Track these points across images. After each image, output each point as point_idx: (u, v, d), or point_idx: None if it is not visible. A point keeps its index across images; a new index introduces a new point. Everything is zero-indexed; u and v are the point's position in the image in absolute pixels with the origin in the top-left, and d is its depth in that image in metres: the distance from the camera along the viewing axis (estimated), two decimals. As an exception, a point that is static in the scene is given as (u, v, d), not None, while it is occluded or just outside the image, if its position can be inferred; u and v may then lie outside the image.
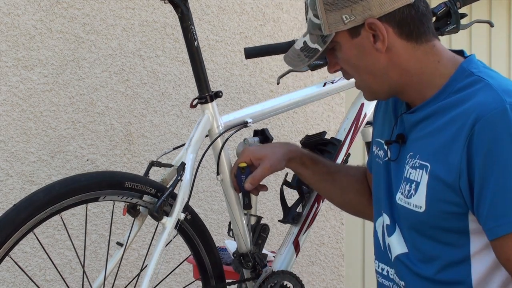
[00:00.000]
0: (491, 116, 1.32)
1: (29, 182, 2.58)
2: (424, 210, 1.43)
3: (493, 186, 1.32)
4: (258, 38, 3.10)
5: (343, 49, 1.49)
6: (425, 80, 1.47)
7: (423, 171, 1.43)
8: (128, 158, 2.78)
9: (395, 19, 1.43)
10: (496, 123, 1.31)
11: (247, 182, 1.83)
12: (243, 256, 2.00)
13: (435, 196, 1.41)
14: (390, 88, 1.51)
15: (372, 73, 1.49)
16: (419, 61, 1.46)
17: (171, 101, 2.88)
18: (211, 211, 3.00)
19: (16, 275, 2.57)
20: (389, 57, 1.46)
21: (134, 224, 1.85)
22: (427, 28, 1.46)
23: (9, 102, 2.55)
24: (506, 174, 1.31)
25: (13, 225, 1.58)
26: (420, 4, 1.44)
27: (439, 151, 1.40)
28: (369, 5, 1.42)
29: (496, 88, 1.36)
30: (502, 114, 1.31)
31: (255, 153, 1.84)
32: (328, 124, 3.29)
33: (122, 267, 2.71)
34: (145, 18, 2.81)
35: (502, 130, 1.31)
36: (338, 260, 3.34)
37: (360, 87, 1.56)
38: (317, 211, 2.11)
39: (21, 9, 2.56)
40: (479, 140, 1.33)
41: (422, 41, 1.45)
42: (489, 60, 4.27)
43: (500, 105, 1.32)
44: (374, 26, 1.43)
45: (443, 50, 1.48)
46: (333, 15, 1.45)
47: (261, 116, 2.08)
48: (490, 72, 1.44)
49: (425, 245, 1.47)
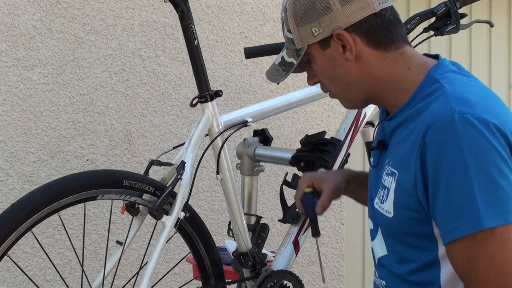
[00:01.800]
0: (439, 125, 1.35)
1: (29, 182, 2.58)
2: (393, 216, 1.47)
3: (443, 193, 1.35)
4: (258, 38, 3.11)
5: (317, 61, 1.54)
6: (397, 87, 1.50)
7: (393, 178, 1.47)
8: (128, 158, 2.79)
9: (361, 28, 1.47)
10: (444, 131, 1.34)
11: (319, 207, 1.81)
12: (243, 255, 2.00)
13: (400, 203, 1.45)
14: (366, 96, 1.54)
15: (346, 83, 1.53)
16: (389, 68, 1.49)
17: (171, 101, 2.88)
18: (211, 211, 3.00)
19: (16, 275, 2.57)
20: (360, 66, 1.49)
21: (133, 223, 1.85)
22: (395, 36, 1.48)
23: (9, 102, 2.55)
24: (453, 181, 1.33)
25: (11, 224, 1.58)
26: (386, 13, 1.48)
27: (403, 160, 1.43)
28: (335, 17, 1.46)
29: (450, 96, 1.38)
30: (449, 123, 1.34)
31: (315, 176, 1.86)
32: (328, 124, 3.29)
33: (122, 267, 2.72)
34: (145, 18, 2.81)
35: (448, 138, 1.33)
36: (338, 260, 3.34)
37: (336, 96, 1.60)
38: (317, 211, 2.10)
39: (21, 9, 2.56)
40: (429, 148, 1.36)
41: (391, 49, 1.48)
42: (489, 60, 4.27)
43: (449, 113, 1.35)
44: (341, 37, 1.47)
45: (413, 56, 1.51)
46: (303, 29, 1.50)
47: (261, 115, 2.08)
48: (453, 77, 1.46)
49: (399, 248, 1.51)
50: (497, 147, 1.32)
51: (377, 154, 1.58)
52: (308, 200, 1.83)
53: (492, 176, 1.31)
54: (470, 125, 1.33)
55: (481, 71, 4.24)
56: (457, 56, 4.12)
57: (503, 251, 1.31)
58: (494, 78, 4.29)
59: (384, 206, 1.50)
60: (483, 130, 1.32)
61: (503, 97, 4.32)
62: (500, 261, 1.31)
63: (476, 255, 1.32)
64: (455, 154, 1.32)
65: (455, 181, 1.32)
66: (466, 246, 1.33)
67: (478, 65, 4.22)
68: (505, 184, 1.32)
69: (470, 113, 1.34)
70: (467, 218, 1.32)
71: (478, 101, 1.37)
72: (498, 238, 1.31)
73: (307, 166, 2.08)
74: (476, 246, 1.32)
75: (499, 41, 4.28)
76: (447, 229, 1.35)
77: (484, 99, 1.40)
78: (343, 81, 1.52)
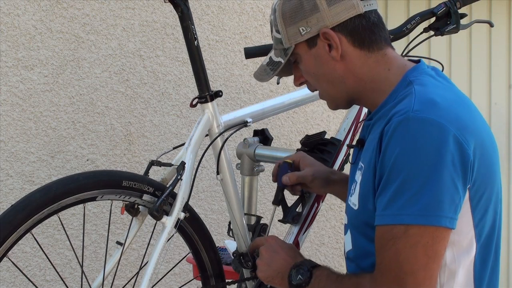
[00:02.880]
0: (395, 122, 1.40)
1: (29, 182, 2.58)
2: (357, 208, 1.53)
3: (383, 183, 1.41)
4: (258, 38, 3.11)
5: (303, 60, 1.60)
6: (376, 88, 1.55)
7: (361, 172, 1.53)
8: (128, 158, 2.79)
9: (347, 28, 1.53)
10: (395, 128, 1.40)
11: (286, 176, 1.91)
12: (243, 255, 2.00)
13: (364, 195, 1.50)
14: (348, 96, 1.60)
15: (331, 82, 1.58)
16: (371, 69, 1.55)
17: (171, 101, 2.88)
18: (211, 211, 3.00)
19: (16, 275, 2.57)
20: (344, 65, 1.55)
21: (133, 224, 1.85)
22: (378, 37, 1.54)
23: (9, 102, 2.55)
24: (392, 174, 1.39)
25: (10, 226, 1.58)
26: (371, 15, 1.54)
27: (369, 155, 1.49)
28: (322, 17, 1.52)
29: (415, 97, 1.43)
30: (403, 121, 1.39)
31: (305, 158, 1.96)
32: (328, 124, 3.29)
33: (122, 267, 2.72)
34: (145, 18, 2.81)
35: (397, 134, 1.39)
36: (338, 260, 3.34)
37: (323, 96, 1.66)
38: (317, 211, 2.11)
39: (21, 9, 2.56)
40: (383, 142, 1.42)
41: (374, 49, 1.54)
42: (489, 60, 4.27)
43: (406, 112, 1.40)
44: (328, 36, 1.53)
45: (394, 58, 1.56)
46: (291, 29, 1.56)
47: (261, 115, 2.08)
48: (425, 79, 1.50)
49: (361, 242, 1.55)
50: (442, 151, 1.35)
51: (356, 152, 1.65)
52: (282, 169, 1.93)
53: (429, 176, 1.35)
54: (421, 125, 1.37)
55: (481, 71, 4.24)
56: (457, 56, 4.12)
57: (409, 252, 1.37)
58: (494, 78, 4.29)
59: (352, 199, 1.57)
60: (433, 132, 1.37)
61: (503, 97, 4.32)
62: (403, 259, 1.37)
63: (387, 245, 1.39)
64: (400, 149, 1.38)
65: (394, 174, 1.38)
66: (382, 234, 1.41)
67: (478, 65, 4.22)
68: (442, 187, 1.35)
69: (426, 114, 1.38)
70: (391, 210, 1.38)
71: (443, 104, 1.41)
72: (408, 238, 1.36)
73: (307, 166, 2.08)
74: (388, 238, 1.39)
75: (499, 41, 4.27)
76: (377, 213, 1.42)
77: (451, 104, 1.43)
78: (327, 80, 1.58)
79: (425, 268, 1.37)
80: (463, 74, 4.16)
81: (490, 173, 1.46)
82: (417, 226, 1.36)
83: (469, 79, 4.20)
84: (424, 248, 1.36)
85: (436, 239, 1.37)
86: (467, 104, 1.50)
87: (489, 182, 1.45)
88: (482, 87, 4.25)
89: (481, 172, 1.42)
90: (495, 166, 1.49)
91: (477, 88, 4.21)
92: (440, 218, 1.36)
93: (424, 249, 1.36)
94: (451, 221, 1.37)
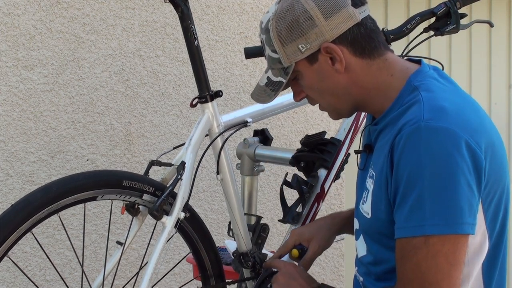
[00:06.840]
0: (406, 132, 1.39)
1: (29, 182, 2.58)
2: (370, 216, 1.53)
3: (400, 195, 1.40)
4: (258, 38, 3.10)
5: (305, 77, 1.57)
6: (381, 94, 1.54)
7: (372, 180, 1.52)
8: (128, 158, 2.79)
9: (347, 39, 1.51)
10: (408, 138, 1.39)
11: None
12: (243, 255, 2.00)
13: (377, 205, 1.50)
14: (353, 105, 1.59)
15: (335, 94, 1.56)
16: (375, 76, 1.54)
17: (171, 101, 2.88)
18: (211, 211, 3.00)
19: (16, 275, 2.57)
20: (348, 76, 1.53)
21: (133, 223, 1.85)
22: (377, 43, 1.54)
23: (9, 102, 2.55)
24: (408, 185, 1.38)
25: (10, 226, 1.58)
26: (367, 22, 1.52)
27: (381, 163, 1.47)
28: (321, 31, 1.50)
29: (423, 105, 1.42)
30: (415, 131, 1.38)
31: (303, 233, 1.88)
32: (328, 124, 3.29)
33: (122, 267, 2.72)
34: (145, 18, 2.81)
35: (410, 145, 1.38)
36: (338, 260, 3.34)
37: (325, 109, 1.63)
38: (317, 211, 2.11)
39: (21, 9, 2.56)
40: (395, 153, 1.41)
41: (375, 56, 1.53)
42: (489, 60, 4.27)
43: (417, 121, 1.39)
44: (329, 50, 1.51)
45: (395, 63, 1.55)
46: (289, 47, 1.54)
47: (261, 115, 2.08)
48: (431, 83, 1.49)
49: (375, 249, 1.56)
50: (457, 159, 1.35)
51: (364, 157, 1.64)
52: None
53: (446, 185, 1.35)
54: (433, 134, 1.36)
55: (481, 71, 4.24)
56: (457, 56, 4.12)
57: (431, 262, 1.36)
58: (494, 78, 4.29)
59: (364, 207, 1.55)
60: (446, 140, 1.36)
61: (503, 97, 4.32)
62: (425, 269, 1.36)
63: (407, 257, 1.38)
64: (414, 160, 1.37)
65: (410, 186, 1.37)
66: (402, 246, 1.40)
67: (478, 65, 4.22)
68: (460, 195, 1.35)
69: (437, 123, 1.37)
70: (412, 222, 1.37)
71: (452, 110, 1.40)
72: (429, 248, 1.36)
73: (307, 166, 2.08)
74: (409, 249, 1.38)
75: (499, 41, 4.27)
76: (398, 226, 1.41)
77: (459, 108, 1.42)
78: (331, 93, 1.56)
79: (448, 277, 1.36)
80: (463, 74, 4.15)
81: (501, 172, 1.46)
82: (438, 236, 1.35)
83: (469, 79, 4.20)
84: (446, 256, 1.35)
85: (457, 246, 1.36)
86: (474, 106, 1.49)
87: (500, 181, 1.45)
88: (482, 87, 4.25)
89: (493, 172, 1.42)
90: (504, 164, 1.49)
91: (477, 88, 4.21)
92: (462, 225, 1.35)
93: (446, 257, 1.35)
94: (472, 227, 1.37)
